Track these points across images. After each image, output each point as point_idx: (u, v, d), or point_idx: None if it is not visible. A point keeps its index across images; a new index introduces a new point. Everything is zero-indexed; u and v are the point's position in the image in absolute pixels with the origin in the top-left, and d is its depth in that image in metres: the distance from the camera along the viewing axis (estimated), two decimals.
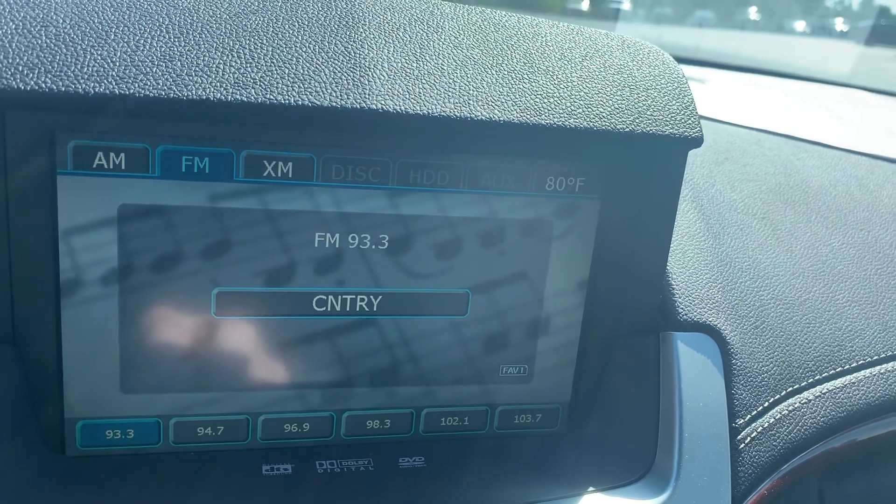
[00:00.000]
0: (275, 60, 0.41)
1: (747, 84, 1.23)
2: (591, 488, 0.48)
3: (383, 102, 0.42)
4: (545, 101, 0.45)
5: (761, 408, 0.53)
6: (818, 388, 0.56)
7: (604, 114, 0.46)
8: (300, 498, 0.45)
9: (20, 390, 0.44)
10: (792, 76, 1.28)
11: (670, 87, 0.49)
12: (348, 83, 0.42)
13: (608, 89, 0.47)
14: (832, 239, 0.67)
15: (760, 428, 0.52)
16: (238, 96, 0.40)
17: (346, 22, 0.44)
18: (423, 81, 0.43)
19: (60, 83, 0.38)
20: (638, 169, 0.50)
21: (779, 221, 0.67)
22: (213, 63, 0.40)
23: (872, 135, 0.90)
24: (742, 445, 0.51)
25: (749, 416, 0.52)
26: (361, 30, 0.44)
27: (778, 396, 0.54)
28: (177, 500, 0.45)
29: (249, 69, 0.41)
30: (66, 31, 0.39)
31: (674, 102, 0.48)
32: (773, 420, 0.53)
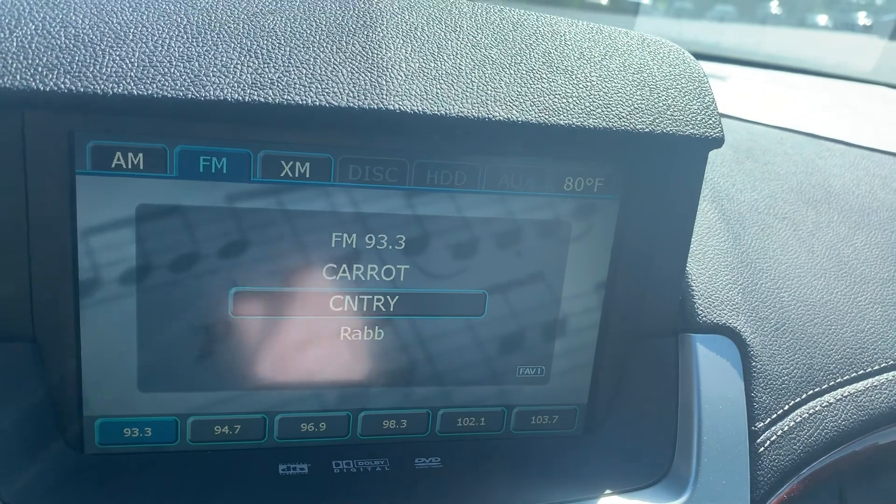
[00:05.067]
0: (292, 61, 0.41)
1: (769, 81, 1.22)
2: (608, 491, 0.48)
3: (401, 103, 0.42)
4: (564, 100, 0.45)
5: (781, 411, 0.52)
6: (839, 391, 0.56)
7: (623, 113, 0.46)
8: (316, 498, 0.45)
9: (40, 388, 0.44)
10: (814, 73, 1.27)
11: (691, 87, 0.49)
12: (366, 84, 0.42)
13: (628, 89, 0.47)
14: (855, 239, 0.66)
15: (780, 431, 0.52)
16: (255, 97, 0.40)
17: (364, 22, 0.44)
18: (441, 82, 0.43)
19: (79, 84, 0.38)
20: (657, 169, 0.49)
21: (800, 221, 0.66)
22: (231, 63, 0.40)
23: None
24: (761, 449, 0.51)
25: (769, 419, 0.52)
26: (379, 30, 0.44)
27: (798, 399, 0.54)
28: (193, 499, 0.45)
29: (267, 70, 0.41)
30: (85, 31, 0.39)
31: (694, 102, 0.48)
32: (793, 423, 0.52)
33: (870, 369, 0.57)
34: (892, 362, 0.59)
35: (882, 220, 0.70)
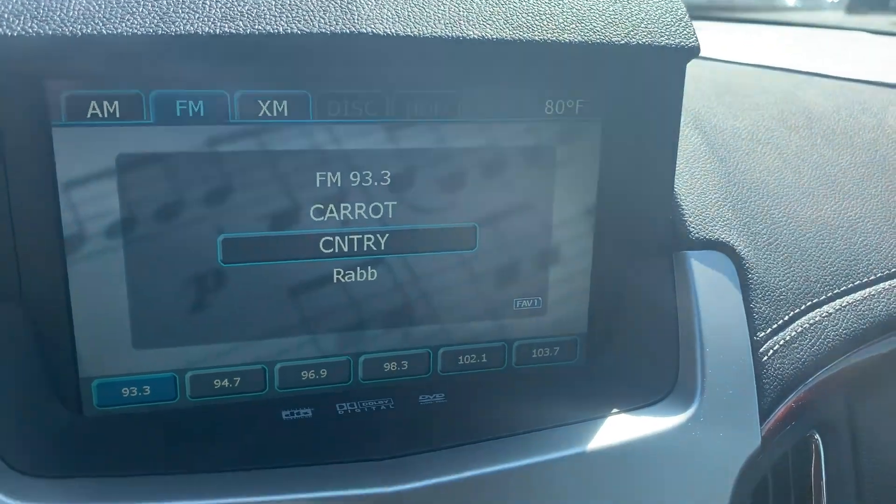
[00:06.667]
0: None
1: (742, 32, 1.22)
2: (615, 410, 0.47)
3: (372, 26, 0.41)
4: (537, 17, 0.45)
5: (782, 321, 0.52)
6: (838, 301, 0.55)
7: (597, 27, 0.46)
8: (323, 439, 0.45)
9: (32, 350, 0.43)
10: (786, 23, 1.27)
11: (662, 0, 0.48)
12: (336, 9, 0.41)
13: (600, 4, 0.47)
14: (840, 160, 0.66)
15: (783, 341, 0.51)
16: (225, 29, 0.39)
17: None
18: (412, 3, 0.43)
19: (47, 27, 0.37)
20: (637, 86, 0.49)
21: (784, 146, 0.66)
22: None
23: (871, 65, 0.89)
24: (765, 358, 0.50)
25: (770, 329, 0.51)
26: None
27: (798, 310, 0.53)
28: (198, 455, 0.44)
29: (235, 2, 0.40)
30: None
31: (667, 14, 0.48)
32: (794, 333, 0.52)
33: (866, 279, 0.57)
34: (887, 272, 0.58)
35: (865, 141, 0.70)
